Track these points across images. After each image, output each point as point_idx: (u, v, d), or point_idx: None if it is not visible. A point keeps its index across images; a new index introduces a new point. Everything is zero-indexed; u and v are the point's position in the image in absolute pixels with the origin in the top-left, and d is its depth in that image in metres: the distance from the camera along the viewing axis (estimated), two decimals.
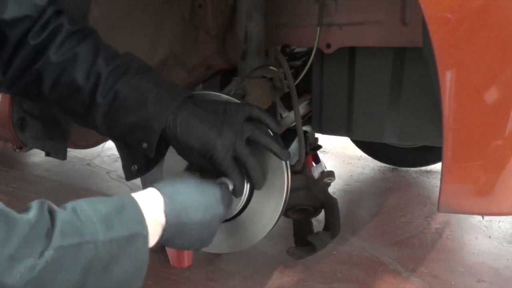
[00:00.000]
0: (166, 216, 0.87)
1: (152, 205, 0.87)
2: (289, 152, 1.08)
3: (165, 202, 0.88)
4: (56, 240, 0.69)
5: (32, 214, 0.71)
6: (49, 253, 0.68)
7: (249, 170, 1.02)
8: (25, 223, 0.68)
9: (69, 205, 0.77)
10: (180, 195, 0.91)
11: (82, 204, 0.78)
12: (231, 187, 1.03)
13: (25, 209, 0.72)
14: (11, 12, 0.95)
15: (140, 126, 1.00)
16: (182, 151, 1.04)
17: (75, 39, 1.02)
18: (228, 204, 1.02)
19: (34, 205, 0.73)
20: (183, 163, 1.12)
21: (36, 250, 0.68)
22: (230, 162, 1.00)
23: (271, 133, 1.07)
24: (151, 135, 1.00)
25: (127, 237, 0.78)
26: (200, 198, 0.94)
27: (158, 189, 0.91)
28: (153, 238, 0.86)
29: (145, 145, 1.01)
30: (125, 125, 1.01)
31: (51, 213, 0.72)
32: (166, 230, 0.88)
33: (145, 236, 0.81)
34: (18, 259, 0.65)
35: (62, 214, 0.73)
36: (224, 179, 1.02)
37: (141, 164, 1.19)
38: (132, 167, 1.18)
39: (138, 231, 0.80)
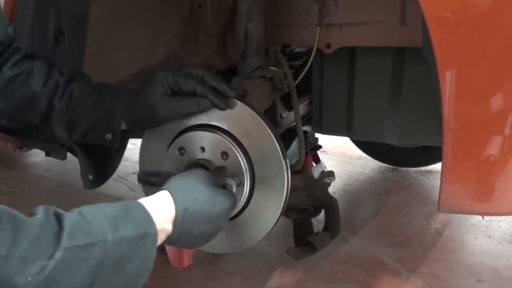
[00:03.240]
0: (173, 226, 0.88)
1: (163, 211, 0.87)
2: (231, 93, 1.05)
3: (176, 212, 0.88)
4: (65, 241, 0.70)
5: (39, 216, 0.72)
6: (59, 254, 0.69)
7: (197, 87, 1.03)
8: (33, 225, 0.69)
9: (75, 209, 0.78)
10: (192, 205, 0.91)
11: (89, 208, 0.79)
12: (234, 188, 1.04)
13: (31, 214, 0.73)
14: None
15: (102, 117, 1.04)
16: (147, 119, 1.06)
17: (29, 58, 1.08)
18: (231, 211, 1.03)
19: (40, 209, 0.73)
20: (183, 163, 1.12)
21: (46, 251, 0.68)
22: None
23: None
24: (115, 121, 1.04)
25: (136, 236, 0.79)
26: (210, 212, 0.93)
27: (171, 194, 0.90)
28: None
29: (109, 136, 1.05)
30: (86, 121, 1.05)
31: (58, 216, 0.73)
32: (169, 237, 0.88)
33: (154, 235, 0.82)
34: (28, 260, 0.66)
35: (69, 217, 0.74)
36: (229, 180, 1.03)
37: (96, 175, 1.25)
38: (89, 176, 1.23)
39: (146, 231, 0.81)
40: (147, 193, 0.97)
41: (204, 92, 1.02)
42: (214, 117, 1.08)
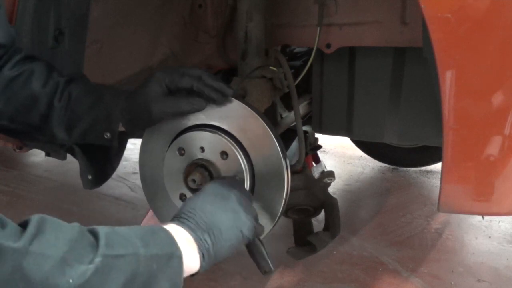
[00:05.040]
0: (200, 267, 0.87)
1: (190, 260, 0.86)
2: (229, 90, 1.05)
3: (201, 257, 0.87)
4: (103, 249, 0.71)
5: (75, 224, 0.73)
6: (98, 260, 0.69)
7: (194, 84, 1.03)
8: (71, 229, 0.70)
9: (105, 227, 0.79)
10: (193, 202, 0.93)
11: (118, 227, 0.80)
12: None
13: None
14: None
15: (100, 118, 1.05)
16: (143, 118, 1.06)
17: (30, 59, 1.09)
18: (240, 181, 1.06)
19: (74, 224, 0.74)
20: (183, 163, 1.12)
21: (86, 256, 0.69)
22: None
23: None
24: (113, 120, 1.05)
25: (165, 255, 0.79)
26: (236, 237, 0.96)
27: (193, 234, 0.88)
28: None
29: (107, 135, 1.06)
30: (85, 121, 1.05)
31: (91, 230, 0.74)
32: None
33: (179, 257, 0.82)
34: (69, 263, 0.67)
35: (103, 229, 0.75)
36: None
37: (95, 176, 1.27)
38: (88, 176, 1.25)
39: (173, 252, 0.81)
40: None
41: (201, 88, 1.01)
42: (213, 117, 1.08)
